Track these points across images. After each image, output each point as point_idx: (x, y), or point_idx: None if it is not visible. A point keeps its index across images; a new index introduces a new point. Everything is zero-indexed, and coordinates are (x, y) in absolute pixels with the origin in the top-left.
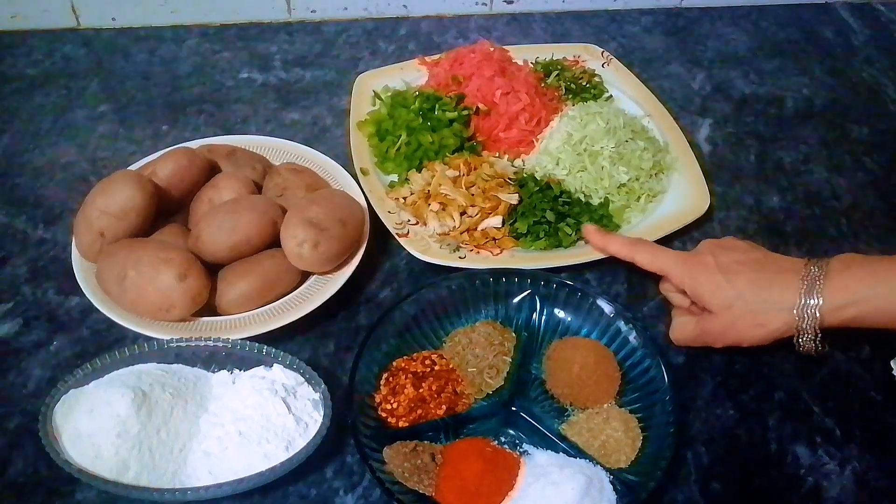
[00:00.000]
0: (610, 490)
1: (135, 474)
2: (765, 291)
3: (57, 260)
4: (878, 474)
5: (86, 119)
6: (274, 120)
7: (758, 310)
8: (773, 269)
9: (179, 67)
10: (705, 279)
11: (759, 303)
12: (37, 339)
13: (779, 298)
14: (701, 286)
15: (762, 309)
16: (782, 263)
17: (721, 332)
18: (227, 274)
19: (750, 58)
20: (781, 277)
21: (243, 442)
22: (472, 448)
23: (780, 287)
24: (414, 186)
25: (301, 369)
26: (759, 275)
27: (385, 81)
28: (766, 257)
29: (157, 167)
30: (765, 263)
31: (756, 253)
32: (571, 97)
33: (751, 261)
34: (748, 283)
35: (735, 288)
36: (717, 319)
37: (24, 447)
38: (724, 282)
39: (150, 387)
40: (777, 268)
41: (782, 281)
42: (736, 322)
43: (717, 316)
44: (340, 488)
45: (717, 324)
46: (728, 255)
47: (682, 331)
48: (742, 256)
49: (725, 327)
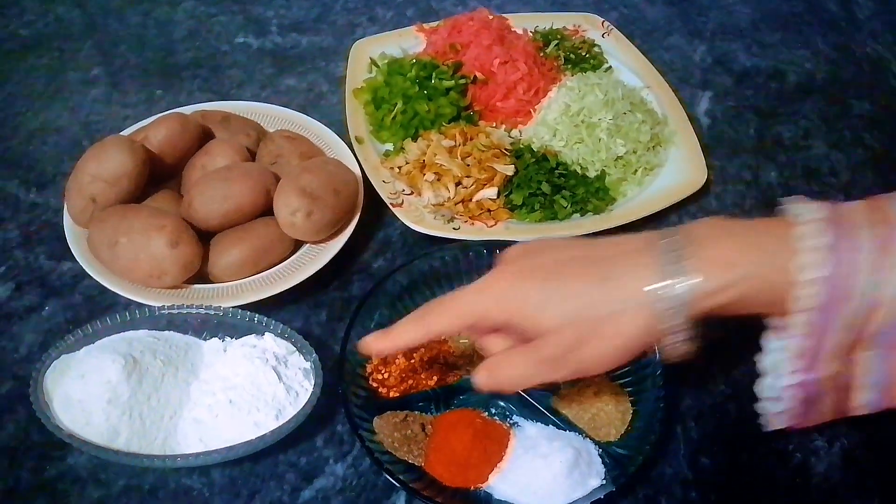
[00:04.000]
0: (599, 463)
1: (125, 440)
2: (605, 288)
3: (49, 224)
4: (865, 452)
5: (79, 82)
6: (269, 86)
7: (603, 315)
8: (611, 257)
9: (174, 31)
10: (520, 299)
11: (602, 306)
12: (29, 303)
13: (627, 292)
14: (515, 310)
15: (609, 312)
16: (625, 246)
17: (565, 356)
18: (219, 241)
19: (752, 30)
20: (624, 265)
21: (234, 410)
22: (463, 419)
23: (632, 279)
24: (409, 156)
25: (292, 338)
26: (593, 269)
27: (382, 48)
28: (600, 247)
29: (150, 133)
30: (599, 253)
31: (585, 246)
32: (570, 67)
33: (578, 257)
34: (587, 284)
35: (571, 295)
36: (556, 342)
37: (16, 412)
38: (548, 292)
39: (141, 353)
40: (616, 255)
41: (627, 269)
42: (580, 341)
43: (552, 339)
44: (330, 457)
45: (556, 348)
46: (545, 255)
47: (509, 367)
48: (563, 254)
49: (568, 351)
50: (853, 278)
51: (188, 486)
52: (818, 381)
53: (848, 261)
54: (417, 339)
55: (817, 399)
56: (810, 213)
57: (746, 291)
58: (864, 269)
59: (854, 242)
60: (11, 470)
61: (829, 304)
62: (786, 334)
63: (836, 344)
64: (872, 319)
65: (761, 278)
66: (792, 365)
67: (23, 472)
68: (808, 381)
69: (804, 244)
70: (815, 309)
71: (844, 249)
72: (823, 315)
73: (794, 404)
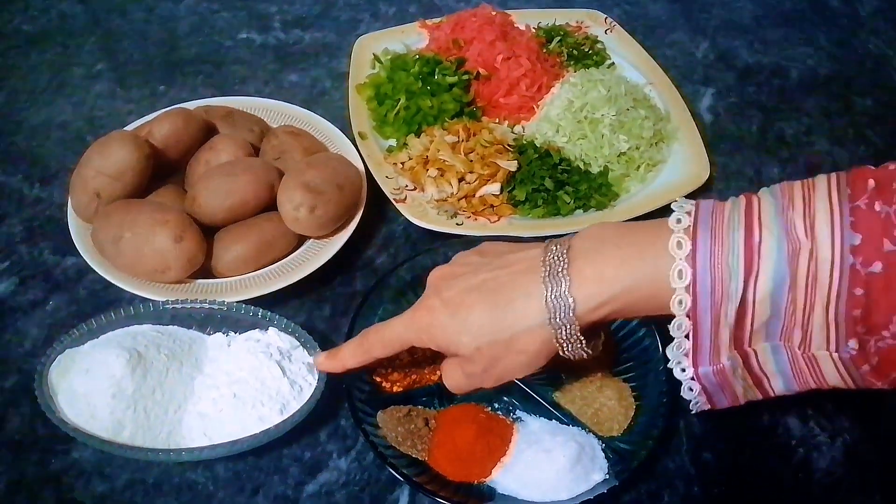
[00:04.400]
0: (602, 458)
1: (130, 434)
2: (505, 315)
3: (53, 219)
4: (867, 447)
5: (82, 77)
6: (272, 82)
7: (508, 337)
8: (508, 282)
9: (177, 26)
10: (439, 329)
11: (506, 330)
12: (33, 298)
13: (524, 315)
14: (439, 339)
15: (513, 334)
16: (518, 266)
17: (484, 372)
18: (223, 236)
19: (755, 27)
20: (520, 289)
21: (238, 404)
22: (466, 414)
23: (523, 302)
24: (412, 151)
25: (296, 333)
26: (493, 297)
27: (385, 44)
28: (499, 269)
29: (154, 128)
30: (498, 279)
31: (485, 268)
32: (573, 63)
33: (479, 283)
34: (483, 313)
35: (474, 327)
36: (475, 363)
37: (21, 406)
38: (458, 324)
39: (146, 348)
40: (512, 279)
41: (522, 293)
42: (494, 359)
43: (472, 360)
44: (334, 451)
45: (477, 366)
46: (454, 285)
47: (451, 377)
48: (470, 282)
49: (486, 367)
50: (725, 280)
51: (192, 481)
52: (717, 372)
53: (718, 264)
54: (360, 362)
55: (723, 387)
56: (685, 220)
57: (629, 301)
58: (735, 270)
59: (724, 247)
60: (16, 463)
61: (706, 306)
62: (675, 334)
63: (724, 339)
64: (753, 316)
65: (641, 288)
66: (686, 361)
67: (28, 466)
68: (704, 373)
69: (676, 252)
70: (694, 311)
71: (715, 255)
72: (702, 316)
73: (699, 392)
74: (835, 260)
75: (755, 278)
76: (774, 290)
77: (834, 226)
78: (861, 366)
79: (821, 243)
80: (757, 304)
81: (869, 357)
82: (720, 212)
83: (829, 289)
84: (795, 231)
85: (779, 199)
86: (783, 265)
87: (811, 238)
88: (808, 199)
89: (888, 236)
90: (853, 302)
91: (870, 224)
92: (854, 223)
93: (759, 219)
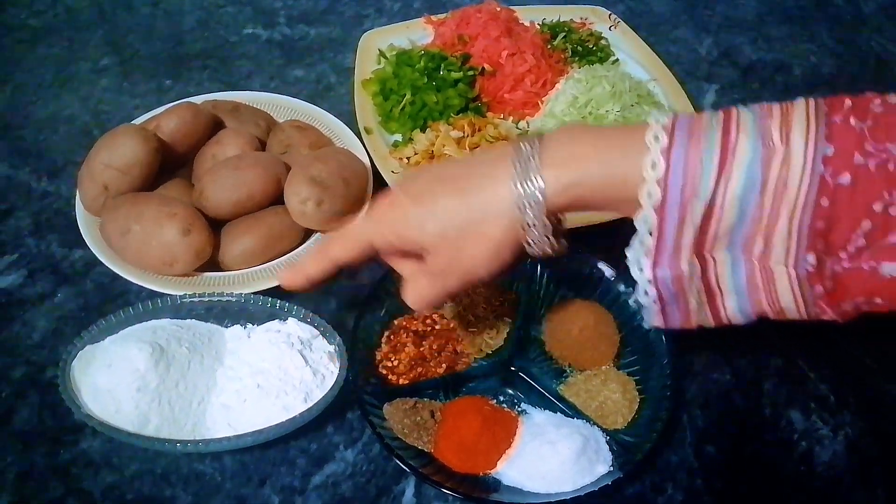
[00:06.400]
0: (606, 450)
1: (155, 427)
2: (472, 198)
3: (61, 213)
4: (870, 440)
5: (89, 72)
6: (278, 77)
7: (474, 222)
8: (477, 170)
9: (183, 21)
10: (403, 220)
11: (472, 215)
12: (41, 290)
13: (491, 198)
14: (402, 230)
15: (478, 218)
16: (488, 158)
17: (448, 266)
18: (230, 230)
19: (758, 24)
20: (489, 174)
21: (262, 394)
22: (471, 406)
23: (488, 185)
24: (417, 147)
25: (315, 322)
26: (461, 183)
27: (390, 40)
28: (469, 162)
29: (162, 122)
30: (467, 168)
31: (457, 164)
32: (577, 60)
33: (449, 175)
34: (449, 198)
35: (439, 211)
36: (439, 255)
37: (29, 397)
38: (424, 210)
39: (167, 341)
40: (482, 165)
41: (491, 177)
42: (459, 248)
43: (437, 252)
44: (340, 443)
45: (441, 260)
46: (421, 181)
47: (414, 288)
48: (438, 173)
49: (450, 259)
50: (696, 178)
51: (200, 471)
52: (674, 278)
53: (692, 161)
54: (324, 269)
55: (678, 297)
56: (664, 120)
57: (598, 187)
58: (707, 170)
59: (699, 144)
60: (25, 454)
61: (674, 201)
62: (640, 229)
63: (687, 242)
64: (719, 219)
65: (612, 173)
66: (646, 260)
67: (37, 457)
68: (662, 276)
69: (652, 144)
70: (662, 206)
71: (690, 149)
72: (670, 212)
73: (656, 299)
74: (806, 168)
75: (727, 178)
76: (744, 193)
77: (809, 135)
78: (815, 285)
79: (794, 150)
80: (725, 207)
81: (824, 279)
82: (699, 117)
83: (796, 196)
84: (771, 137)
85: (757, 111)
86: (756, 168)
87: (786, 144)
88: (786, 112)
89: (859, 149)
90: (818, 213)
91: (843, 136)
92: (829, 135)
93: (737, 124)
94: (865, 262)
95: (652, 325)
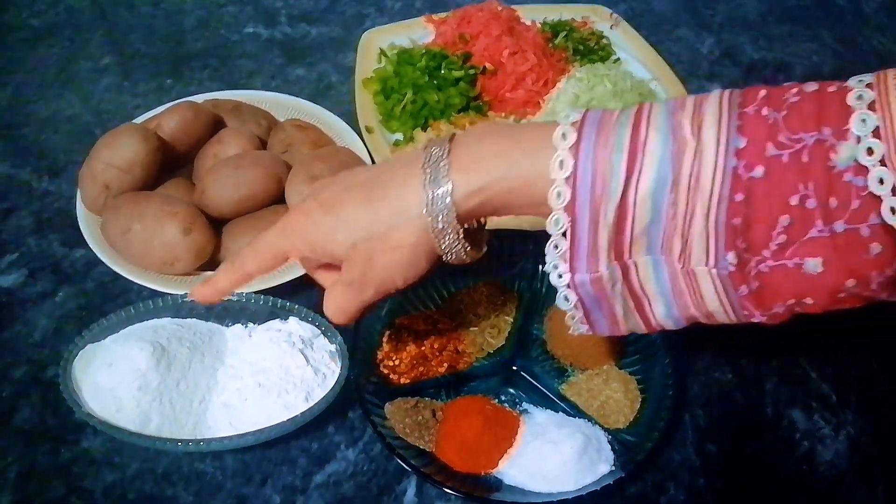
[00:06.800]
0: (608, 449)
1: (157, 426)
2: (381, 206)
3: (62, 212)
4: (871, 440)
5: (90, 71)
6: (279, 76)
7: (385, 230)
8: (386, 177)
9: (184, 21)
10: (313, 229)
11: (382, 223)
12: (42, 289)
13: (401, 205)
14: (313, 239)
15: (389, 227)
16: (397, 164)
17: (363, 274)
18: (231, 229)
19: (760, 23)
20: (398, 181)
21: (263, 393)
22: (473, 406)
23: (397, 192)
24: (419, 145)
25: (316, 321)
26: (370, 191)
27: (391, 39)
28: (379, 169)
29: (163, 121)
30: (377, 175)
31: (368, 171)
32: (579, 59)
33: (359, 183)
34: (359, 207)
35: (347, 220)
36: (353, 265)
37: (30, 396)
38: (333, 220)
39: (168, 341)
40: (392, 171)
41: (400, 184)
42: (370, 258)
43: (350, 261)
44: (342, 443)
45: (356, 270)
46: (331, 186)
47: (332, 299)
48: (349, 181)
49: (364, 268)
50: (606, 177)
51: (201, 471)
52: (593, 281)
53: (600, 159)
54: (234, 281)
55: (600, 302)
56: (573, 117)
57: (506, 189)
58: (616, 168)
59: (607, 141)
60: (27, 453)
61: (584, 201)
62: (552, 232)
63: (602, 244)
64: (632, 219)
65: (519, 177)
66: (562, 264)
67: (38, 456)
68: (581, 281)
69: (560, 142)
70: (572, 207)
71: (597, 147)
72: (580, 213)
73: (577, 304)
74: (718, 162)
75: (637, 177)
76: (656, 190)
77: (721, 128)
78: (739, 286)
79: (706, 144)
80: (637, 206)
81: (748, 279)
82: (609, 114)
83: (710, 192)
84: (682, 131)
85: (670, 104)
86: (666, 164)
87: (697, 138)
88: (699, 104)
89: (773, 140)
90: (733, 209)
91: (756, 128)
92: (741, 127)
93: (647, 119)
94: (789, 259)
95: (577, 332)
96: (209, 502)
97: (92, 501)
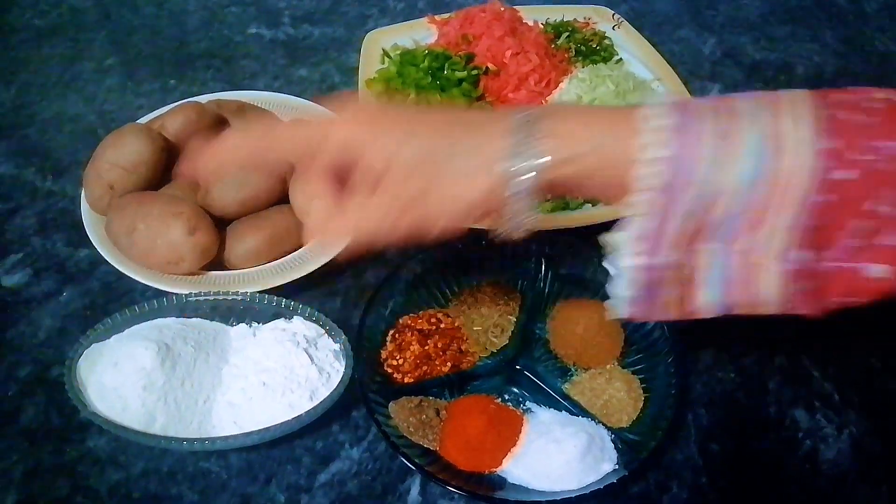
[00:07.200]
0: (611, 448)
1: (162, 425)
2: (464, 142)
3: (66, 212)
4: (874, 439)
5: (93, 71)
6: (282, 76)
7: (461, 166)
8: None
9: (187, 21)
10: (383, 129)
11: (460, 156)
12: (46, 289)
13: (484, 156)
14: (375, 141)
15: (467, 165)
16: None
17: (412, 199)
18: (235, 229)
19: (761, 23)
20: (486, 129)
21: (267, 392)
22: (477, 405)
23: (486, 140)
24: None
25: (321, 321)
26: (458, 128)
27: (394, 39)
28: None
29: (167, 121)
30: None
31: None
32: (581, 59)
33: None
34: (439, 132)
35: (428, 143)
36: (406, 183)
37: (35, 395)
38: (405, 134)
39: (172, 340)
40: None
41: (487, 134)
42: (430, 188)
43: (404, 179)
44: (346, 442)
45: (407, 189)
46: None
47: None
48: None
49: (416, 193)
50: (695, 163)
51: (206, 469)
52: (659, 267)
53: (690, 144)
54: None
55: (659, 287)
56: (659, 101)
57: (590, 165)
58: (707, 156)
59: (698, 128)
60: (32, 452)
61: (670, 186)
62: (629, 214)
63: (677, 230)
64: (713, 208)
65: (605, 153)
66: (633, 246)
67: (43, 455)
68: (649, 265)
69: (648, 124)
70: (656, 190)
71: (688, 133)
72: (664, 197)
73: (636, 289)
74: (805, 162)
75: (726, 166)
76: (746, 181)
77: (811, 128)
78: (799, 282)
79: (798, 142)
80: (727, 195)
81: (811, 276)
82: (697, 102)
83: (796, 190)
84: (773, 128)
85: (760, 97)
86: (758, 158)
87: (790, 136)
88: (789, 103)
89: (857, 146)
90: (815, 209)
91: (847, 132)
92: (832, 129)
93: (738, 112)
94: (857, 262)
95: (615, 317)
96: (214, 501)
97: (97, 500)
